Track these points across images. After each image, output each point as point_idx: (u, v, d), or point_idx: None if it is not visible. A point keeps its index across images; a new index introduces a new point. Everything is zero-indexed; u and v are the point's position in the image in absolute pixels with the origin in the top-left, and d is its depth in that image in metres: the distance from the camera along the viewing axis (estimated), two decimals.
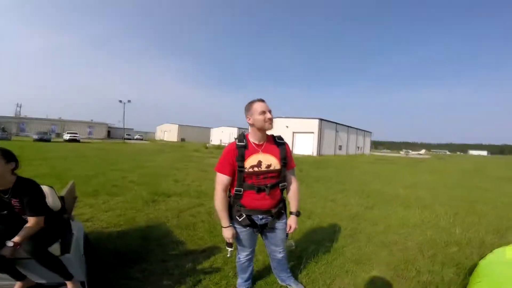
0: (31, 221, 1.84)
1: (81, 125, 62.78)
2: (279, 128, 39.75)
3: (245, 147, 1.82)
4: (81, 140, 37.99)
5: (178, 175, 8.96)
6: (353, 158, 30.18)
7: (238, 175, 1.81)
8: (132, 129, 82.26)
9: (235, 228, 1.92)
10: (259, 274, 2.59)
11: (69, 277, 1.92)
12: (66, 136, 36.43)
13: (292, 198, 2.00)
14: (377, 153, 61.65)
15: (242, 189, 1.83)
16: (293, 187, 2.00)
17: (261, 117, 1.76)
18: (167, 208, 4.88)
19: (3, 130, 41.87)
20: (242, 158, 1.79)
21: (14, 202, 1.89)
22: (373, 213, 5.14)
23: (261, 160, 1.82)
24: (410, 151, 75.07)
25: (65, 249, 2.02)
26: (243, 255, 2.08)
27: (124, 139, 52.42)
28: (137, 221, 4.08)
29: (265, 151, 1.85)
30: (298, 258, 2.94)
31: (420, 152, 72.15)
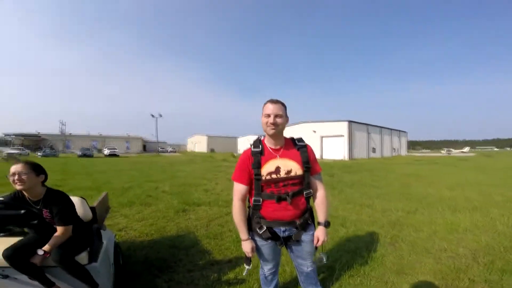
0: (59, 230, 1.93)
1: (119, 140, 67.47)
2: (306, 133, 39.05)
3: (261, 153, 1.68)
4: (119, 155, 40.68)
5: (208, 184, 9.07)
6: (389, 160, 28.46)
7: (256, 184, 1.67)
8: (165, 142, 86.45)
9: (255, 241, 1.77)
10: (286, 286, 2.44)
11: (95, 285, 1.96)
12: (106, 152, 39.34)
13: (320, 206, 1.78)
14: (415, 154, 57.70)
15: (261, 199, 1.68)
16: (320, 194, 1.79)
17: (263, 120, 1.64)
18: (196, 217, 4.91)
19: (51, 148, 46.41)
20: (259, 165, 1.65)
21: (45, 212, 1.97)
22: (416, 218, 4.68)
23: (280, 166, 1.66)
24: (452, 149, 69.00)
25: (92, 258, 2.07)
26: (266, 269, 1.92)
27: (158, 152, 55.12)
28: (168, 230, 4.14)
29: (284, 155, 1.69)
30: (330, 269, 2.72)
31: (464, 150, 66.03)
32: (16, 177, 1.84)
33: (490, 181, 9.58)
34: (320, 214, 1.77)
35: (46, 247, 1.83)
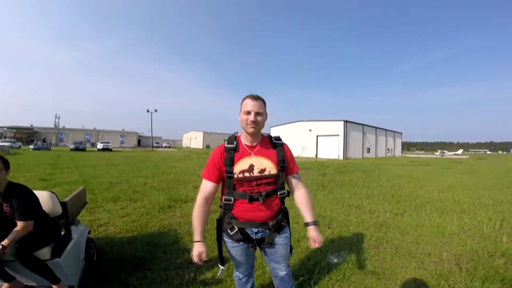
0: (19, 225, 1.88)
1: (113, 134, 66.78)
2: (301, 132, 39.08)
3: (235, 149, 1.59)
4: (113, 149, 40.25)
5: (198, 181, 8.94)
6: (383, 161, 28.60)
7: (227, 182, 1.58)
8: (161, 137, 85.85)
9: (228, 242, 1.67)
10: None
11: (56, 281, 1.91)
12: (99, 146, 38.87)
13: (304, 206, 1.67)
14: (409, 155, 58.15)
15: (232, 198, 1.58)
16: (302, 194, 1.69)
17: (243, 117, 1.54)
18: (181, 214, 4.81)
19: (44, 140, 45.88)
20: (231, 162, 1.56)
21: (5, 206, 1.93)
22: (403, 220, 4.63)
23: (253, 164, 1.57)
24: (445, 151, 69.76)
25: (55, 253, 2.02)
26: (239, 272, 1.84)
27: (153, 147, 54.73)
28: (150, 227, 4.04)
29: (259, 153, 1.60)
30: (309, 272, 2.64)
31: (457, 153, 66.82)
32: None
33: (481, 184, 9.63)
34: (307, 214, 1.65)
35: (5, 242, 1.78)
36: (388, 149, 48.40)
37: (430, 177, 11.74)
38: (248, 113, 1.52)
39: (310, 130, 37.95)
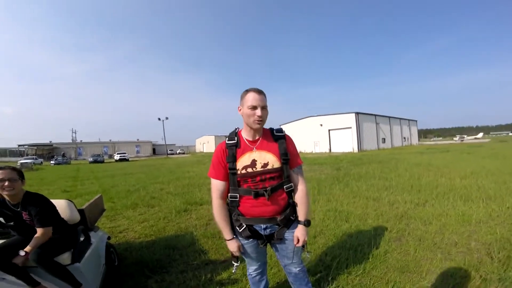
0: (39, 231, 1.98)
1: (129, 145, 68.74)
2: (312, 127, 38.64)
3: (236, 145, 1.56)
4: (129, 159, 41.34)
5: None
6: (400, 150, 27.77)
7: (231, 179, 1.56)
8: (174, 144, 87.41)
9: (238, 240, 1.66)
10: (278, 287, 2.32)
11: (77, 285, 1.98)
12: (117, 157, 40.10)
13: (300, 203, 1.62)
14: (427, 142, 56.28)
15: (238, 195, 1.56)
16: (300, 189, 1.63)
17: (249, 112, 1.48)
18: (197, 216, 4.85)
19: (63, 155, 47.82)
20: (234, 159, 1.54)
21: (24, 214, 2.03)
22: (425, 210, 4.44)
23: (256, 159, 1.54)
24: (465, 136, 66.97)
25: (75, 258, 2.10)
26: (252, 269, 1.82)
27: (167, 154, 55.76)
28: (167, 231, 4.10)
29: (260, 147, 1.57)
30: (327, 268, 2.56)
31: (477, 136, 63.98)
32: (6, 183, 1.91)
33: (505, 168, 9.11)
34: (300, 212, 1.62)
35: (27, 248, 1.87)
36: (404, 138, 47.00)
37: (450, 164, 11.26)
38: (254, 107, 1.47)
39: (321, 125, 37.42)
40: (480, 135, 66.54)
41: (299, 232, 1.58)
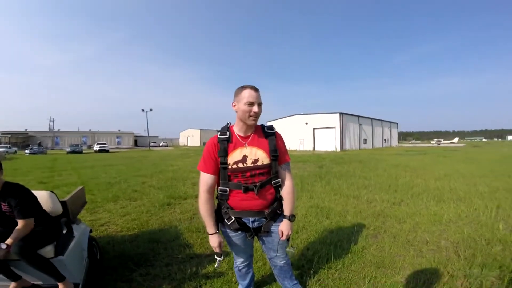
0: (20, 223, 1.90)
1: (109, 135, 66.40)
2: (298, 125, 39.11)
3: (228, 140, 1.60)
4: (110, 150, 40.05)
5: (197, 178, 8.93)
6: (380, 151, 28.78)
7: (222, 173, 1.59)
8: (157, 136, 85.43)
9: (226, 232, 1.71)
10: (263, 280, 2.39)
11: (61, 278, 1.94)
12: (96, 147, 38.77)
13: (286, 198, 1.68)
14: (406, 145, 58.52)
15: (228, 188, 1.61)
16: (287, 185, 1.68)
17: (246, 108, 1.52)
18: (181, 210, 4.84)
19: (39, 145, 45.68)
20: (225, 153, 1.57)
21: (3, 206, 1.95)
22: (400, 209, 4.68)
23: (246, 155, 1.59)
24: (442, 140, 70.26)
25: (59, 251, 2.05)
26: (239, 262, 1.88)
27: (150, 146, 54.54)
28: (150, 225, 4.06)
29: (252, 144, 1.61)
30: (309, 262, 2.68)
31: (453, 141, 67.38)
32: None
33: (477, 171, 9.73)
34: (286, 206, 1.68)
35: (8, 241, 1.80)
36: (385, 140, 48.69)
37: (426, 166, 11.87)
38: (251, 104, 1.52)
39: (306, 123, 37.97)
40: (456, 139, 70.08)
41: (284, 226, 1.65)
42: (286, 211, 1.68)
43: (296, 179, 7.83)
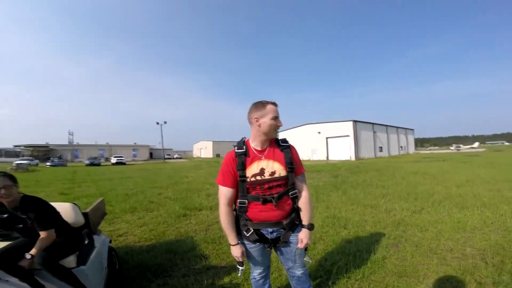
0: (41, 235, 1.98)
1: (126, 148, 68.39)
2: (310, 134, 38.86)
3: (245, 154, 1.65)
4: (126, 163, 41.13)
5: (211, 189, 9.02)
6: (397, 159, 28.03)
7: (241, 186, 1.63)
8: (172, 149, 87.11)
9: (245, 244, 1.72)
10: None
11: None
12: (113, 160, 39.95)
13: (303, 209, 1.72)
14: (423, 151, 56.69)
15: (246, 201, 1.64)
16: (304, 196, 1.72)
17: (272, 123, 1.60)
18: (197, 222, 4.87)
19: (60, 157, 47.53)
20: (243, 167, 1.62)
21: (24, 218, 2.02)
22: (421, 217, 4.52)
23: (264, 168, 1.63)
24: (461, 145, 67.61)
25: (80, 261, 2.10)
26: (256, 273, 1.87)
27: (165, 159, 55.55)
28: (167, 235, 4.11)
29: (268, 157, 1.66)
30: (327, 273, 2.62)
31: (473, 146, 64.60)
32: (3, 191, 1.90)
33: (500, 176, 9.28)
34: (304, 216, 1.72)
35: (32, 251, 1.87)
36: (401, 147, 47.42)
37: (446, 173, 11.42)
38: (276, 118, 1.61)
39: (319, 133, 37.66)
40: (476, 144, 67.28)
41: (303, 234, 1.68)
42: (305, 220, 1.70)
43: (310, 189, 7.67)
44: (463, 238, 3.45)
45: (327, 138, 36.81)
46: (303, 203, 1.72)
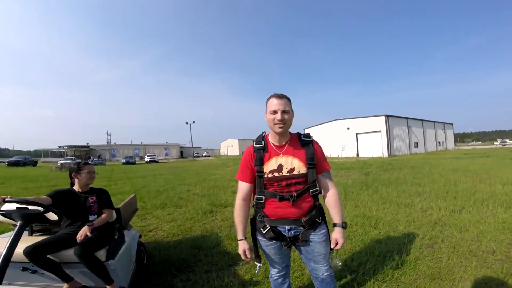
0: (105, 212, 2.37)
1: (158, 147, 71.89)
2: (339, 130, 37.67)
3: (264, 149, 1.60)
4: (159, 161, 43.20)
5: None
6: (434, 155, 26.13)
7: (258, 181, 1.59)
8: (200, 147, 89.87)
9: (261, 241, 1.68)
10: None
11: (110, 281, 2.04)
12: (147, 158, 42.17)
13: (333, 207, 1.62)
14: (464, 147, 52.27)
15: (263, 197, 1.60)
16: (332, 193, 1.63)
17: (270, 117, 1.53)
18: (222, 218, 4.95)
19: (99, 157, 51.34)
20: (261, 162, 1.57)
21: (91, 198, 2.36)
22: (461, 217, 4.17)
23: (282, 164, 1.56)
24: (507, 140, 61.10)
25: (110, 255, 2.17)
26: (274, 271, 1.81)
27: (194, 157, 57.43)
28: (193, 231, 4.22)
29: (287, 153, 1.59)
30: (353, 273, 2.51)
31: None
32: (94, 174, 2.46)
33: None
34: (335, 215, 1.62)
35: (96, 222, 2.24)
36: (439, 142, 44.12)
37: (490, 170, 10.40)
38: (274, 112, 1.52)
39: (348, 128, 36.34)
40: None
41: (338, 234, 1.59)
42: (337, 219, 1.62)
43: (339, 187, 7.47)
44: (508, 239, 3.12)
45: (357, 134, 35.41)
46: (332, 200, 1.62)
